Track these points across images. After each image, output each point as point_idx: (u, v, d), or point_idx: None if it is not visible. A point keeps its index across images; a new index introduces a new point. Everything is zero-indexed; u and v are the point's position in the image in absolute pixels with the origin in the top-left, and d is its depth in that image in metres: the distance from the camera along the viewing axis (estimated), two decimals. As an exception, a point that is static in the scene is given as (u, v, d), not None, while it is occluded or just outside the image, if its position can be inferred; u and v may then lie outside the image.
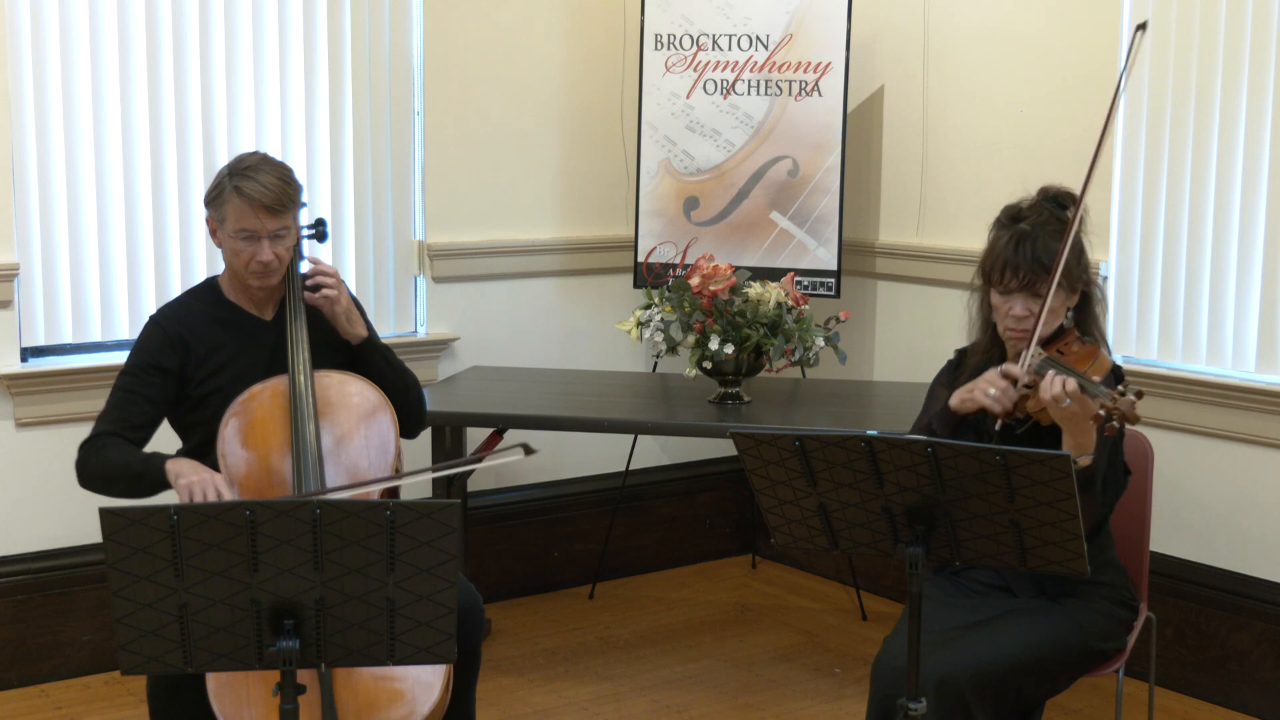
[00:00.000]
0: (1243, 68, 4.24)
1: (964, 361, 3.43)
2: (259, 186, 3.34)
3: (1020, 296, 3.20)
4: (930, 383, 3.51)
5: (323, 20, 4.83)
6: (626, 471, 5.47)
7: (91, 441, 3.39)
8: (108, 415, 3.41)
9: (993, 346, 3.33)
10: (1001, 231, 3.27)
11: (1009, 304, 3.22)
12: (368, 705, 3.09)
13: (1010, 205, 3.32)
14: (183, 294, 3.64)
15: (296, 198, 3.44)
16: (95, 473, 3.37)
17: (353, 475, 3.35)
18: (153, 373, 3.43)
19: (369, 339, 3.55)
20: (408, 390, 3.59)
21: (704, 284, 4.45)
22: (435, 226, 5.15)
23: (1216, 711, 4.39)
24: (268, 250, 3.37)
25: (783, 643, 4.93)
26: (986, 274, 3.27)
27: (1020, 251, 3.19)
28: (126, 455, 3.34)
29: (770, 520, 2.99)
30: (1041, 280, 3.17)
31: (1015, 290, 3.20)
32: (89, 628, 4.56)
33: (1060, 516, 2.75)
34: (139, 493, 3.33)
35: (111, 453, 3.35)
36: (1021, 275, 3.18)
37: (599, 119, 5.45)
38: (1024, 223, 3.24)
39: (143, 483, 3.31)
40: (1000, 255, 3.22)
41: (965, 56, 5.03)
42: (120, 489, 3.34)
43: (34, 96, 4.40)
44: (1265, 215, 4.23)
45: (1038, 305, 3.18)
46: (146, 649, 2.53)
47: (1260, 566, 4.34)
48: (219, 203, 3.40)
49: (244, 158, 3.45)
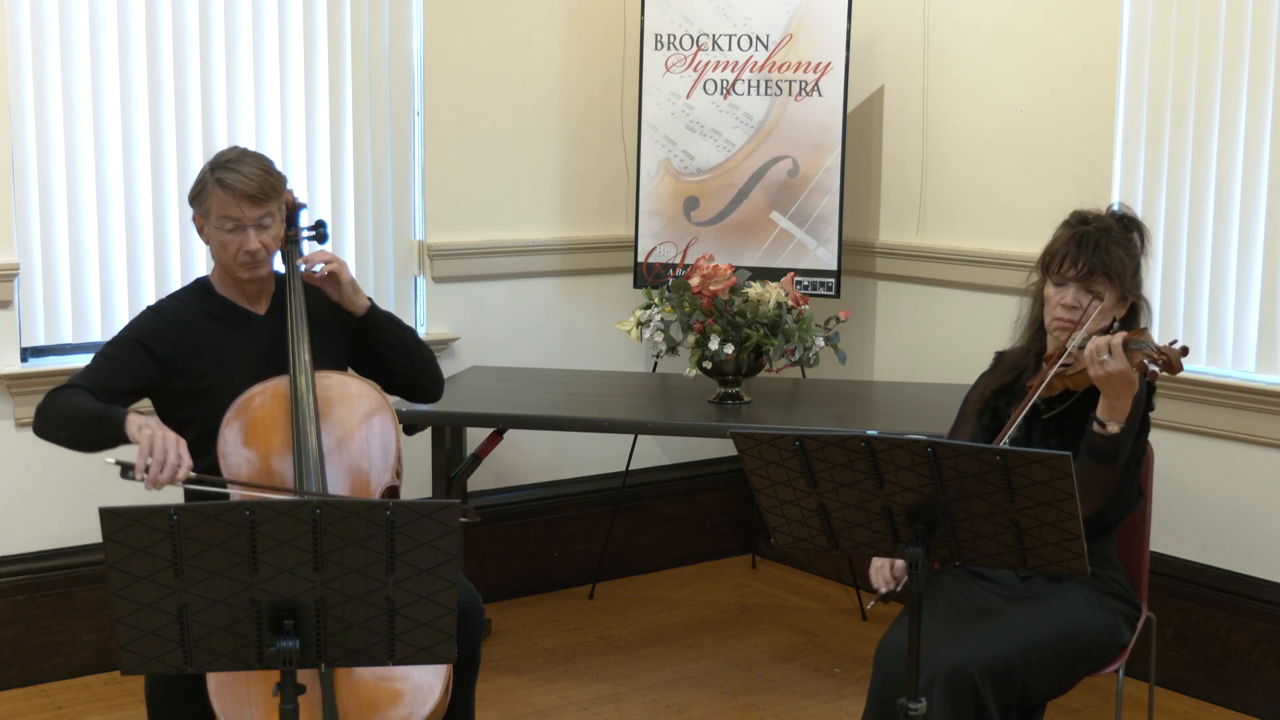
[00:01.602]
0: (1243, 68, 4.24)
1: (1000, 361, 3.53)
2: (240, 176, 3.36)
3: (1074, 287, 3.31)
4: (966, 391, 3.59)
5: (323, 20, 4.83)
6: (626, 471, 5.47)
7: (59, 388, 3.34)
8: (83, 373, 3.38)
9: (1033, 343, 3.44)
10: (1067, 229, 3.40)
11: (1062, 293, 3.33)
12: (369, 705, 3.09)
13: (1079, 210, 3.45)
14: (175, 292, 3.64)
15: (279, 186, 3.45)
16: (50, 414, 3.30)
17: (354, 476, 3.36)
18: (138, 349, 3.42)
19: (373, 306, 3.58)
20: (420, 349, 3.65)
21: (704, 284, 4.45)
22: (435, 226, 5.15)
23: (1216, 711, 4.39)
24: (254, 239, 3.39)
25: (783, 643, 4.93)
26: (1045, 265, 3.39)
27: (1083, 245, 3.32)
28: (89, 402, 3.28)
29: (770, 520, 2.99)
30: (1098, 273, 3.29)
31: (1071, 280, 3.31)
32: (89, 628, 4.56)
33: (1060, 516, 2.75)
34: (87, 441, 3.26)
35: (75, 398, 3.29)
36: (1080, 265, 3.30)
37: (599, 119, 5.45)
38: (1090, 225, 3.37)
39: (98, 428, 3.22)
40: (1062, 247, 3.35)
41: (965, 56, 5.03)
42: (69, 433, 3.27)
43: (34, 96, 4.40)
44: (1265, 215, 4.23)
45: (1088, 299, 3.30)
46: (146, 649, 2.53)
47: (1260, 566, 4.34)
48: (202, 198, 3.42)
49: (224, 153, 3.48)
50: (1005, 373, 3.47)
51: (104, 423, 3.22)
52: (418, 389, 3.70)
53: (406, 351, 3.61)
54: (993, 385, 3.46)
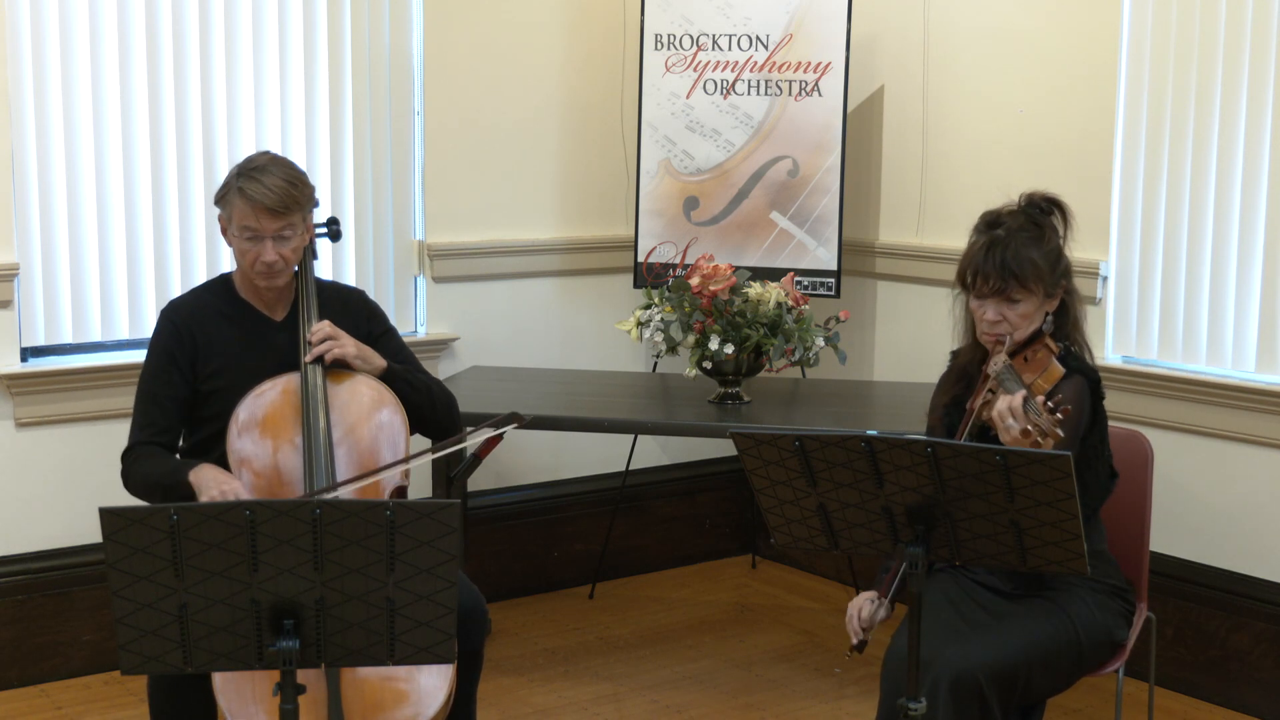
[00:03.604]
0: (1243, 68, 4.24)
1: (954, 363, 3.49)
2: (262, 188, 3.38)
3: (992, 302, 3.26)
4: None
5: (323, 20, 4.83)
6: (626, 471, 5.47)
7: (127, 455, 3.47)
8: (136, 423, 3.48)
9: (977, 348, 3.38)
10: (977, 237, 3.32)
11: (982, 309, 3.28)
12: (374, 705, 3.09)
13: (989, 211, 3.36)
14: (197, 287, 3.69)
15: (303, 199, 3.45)
16: (137, 487, 3.45)
17: (363, 469, 3.37)
18: (170, 369, 3.48)
19: (388, 368, 3.54)
20: (434, 407, 3.60)
21: (704, 284, 4.45)
22: (435, 226, 5.15)
23: (1216, 711, 4.39)
24: (270, 250, 3.40)
25: (783, 643, 4.93)
26: (961, 279, 3.33)
27: (990, 258, 3.24)
28: (157, 468, 3.40)
29: (770, 520, 2.99)
30: (1012, 286, 3.23)
31: (987, 295, 3.26)
32: (89, 628, 4.56)
33: (1060, 516, 2.75)
34: (175, 499, 3.33)
35: (145, 465, 3.42)
36: (992, 282, 3.24)
37: (599, 119, 5.45)
38: (1000, 229, 3.28)
39: (175, 494, 3.32)
40: (973, 261, 3.28)
41: (965, 56, 5.03)
42: (159, 499, 3.35)
43: (34, 96, 4.40)
44: (1265, 215, 4.23)
45: (1011, 310, 3.24)
46: (146, 649, 2.53)
47: (1260, 566, 4.34)
48: (226, 202, 3.46)
49: (253, 158, 3.50)
50: (954, 383, 3.42)
51: (176, 490, 3.31)
52: (435, 424, 3.65)
53: (420, 409, 3.55)
54: (945, 399, 3.43)
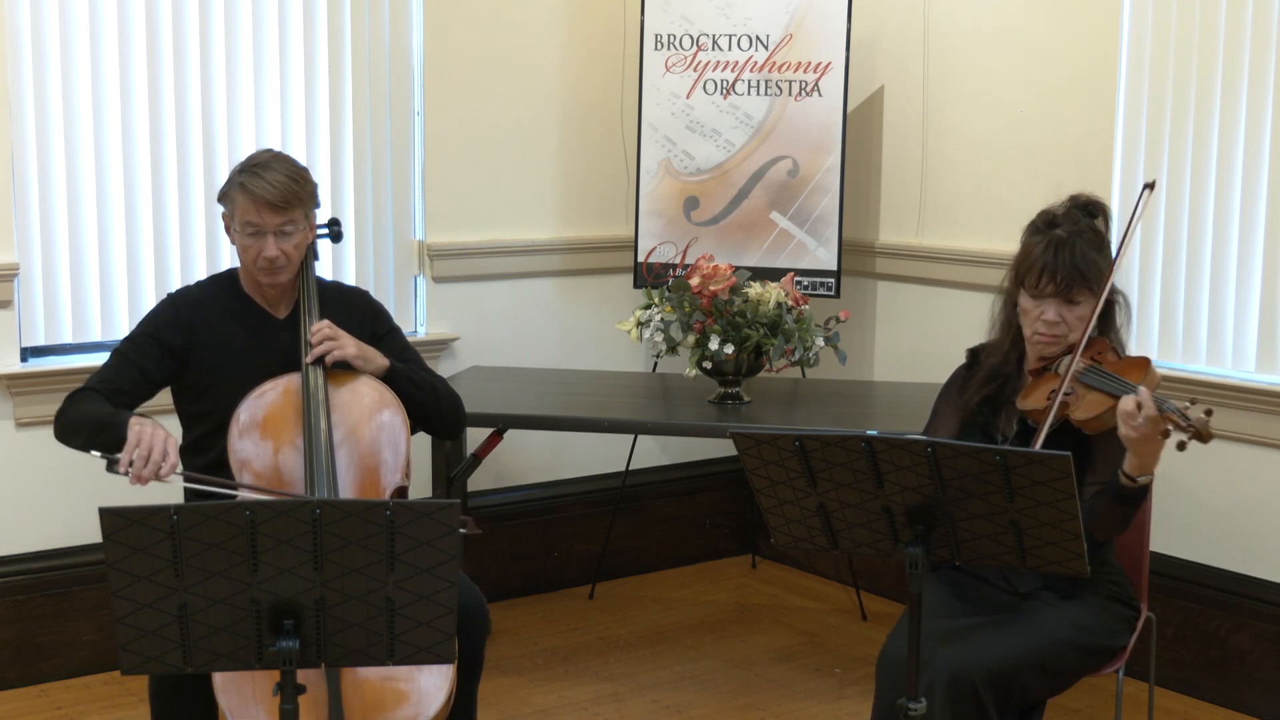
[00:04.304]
0: (1243, 67, 4.24)
1: (978, 361, 3.43)
2: (264, 183, 3.40)
3: (1053, 302, 3.22)
4: (940, 388, 3.50)
5: (323, 20, 4.83)
6: (626, 471, 5.46)
7: (74, 394, 3.42)
8: (99, 374, 3.47)
9: (1012, 349, 3.34)
10: (1037, 236, 3.28)
11: (1041, 308, 3.23)
12: (374, 706, 3.09)
13: (1044, 210, 3.33)
14: (204, 279, 3.70)
15: (305, 195, 3.47)
16: (65, 421, 3.37)
17: (364, 471, 3.37)
18: (153, 345, 3.48)
19: (391, 367, 3.54)
20: (439, 405, 3.61)
21: (704, 284, 4.45)
22: (435, 226, 5.15)
23: (1216, 712, 4.39)
24: (272, 246, 3.42)
25: (783, 643, 4.93)
26: (1020, 277, 3.28)
27: (1059, 257, 3.20)
28: (99, 408, 3.34)
29: (770, 520, 2.99)
30: (1078, 287, 3.19)
31: (1050, 295, 3.22)
32: (89, 628, 4.56)
33: (1060, 516, 2.75)
34: (98, 445, 3.25)
35: (86, 404, 3.37)
36: (1059, 280, 3.20)
37: (599, 119, 5.45)
38: (1060, 229, 3.25)
39: (104, 434, 3.24)
40: (1038, 260, 3.23)
41: (965, 56, 5.03)
42: (81, 440, 3.30)
43: (34, 96, 4.40)
44: (1265, 215, 4.23)
45: (1070, 311, 3.20)
46: (146, 649, 2.53)
47: (1260, 566, 4.34)
48: (228, 199, 3.47)
49: (256, 155, 3.52)
50: (986, 382, 3.36)
51: (108, 428, 3.26)
52: (440, 423, 3.66)
53: (423, 408, 3.55)
54: (976, 396, 3.36)
